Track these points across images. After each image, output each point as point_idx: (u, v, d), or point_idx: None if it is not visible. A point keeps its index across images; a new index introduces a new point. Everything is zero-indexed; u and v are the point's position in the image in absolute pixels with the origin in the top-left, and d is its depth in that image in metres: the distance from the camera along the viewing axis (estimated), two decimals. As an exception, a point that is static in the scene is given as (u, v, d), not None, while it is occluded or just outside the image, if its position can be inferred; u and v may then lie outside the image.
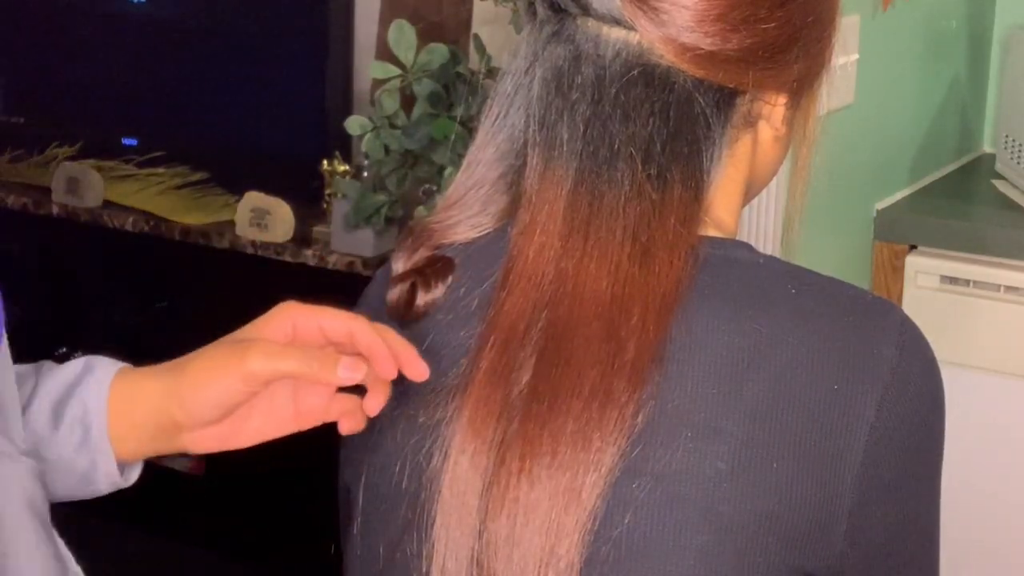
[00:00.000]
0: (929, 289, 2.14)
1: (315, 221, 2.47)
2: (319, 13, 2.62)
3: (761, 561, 0.85)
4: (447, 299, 0.94)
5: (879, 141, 2.17)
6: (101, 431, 0.92)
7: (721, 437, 0.85)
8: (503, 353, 0.88)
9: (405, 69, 2.09)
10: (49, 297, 2.80)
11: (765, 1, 0.88)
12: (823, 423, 0.86)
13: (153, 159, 2.76)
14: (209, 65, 2.73)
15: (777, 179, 1.03)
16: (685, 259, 0.87)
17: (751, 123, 0.93)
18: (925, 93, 2.34)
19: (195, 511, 2.66)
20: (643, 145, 0.87)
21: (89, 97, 2.87)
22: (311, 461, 1.32)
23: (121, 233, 2.63)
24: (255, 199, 2.48)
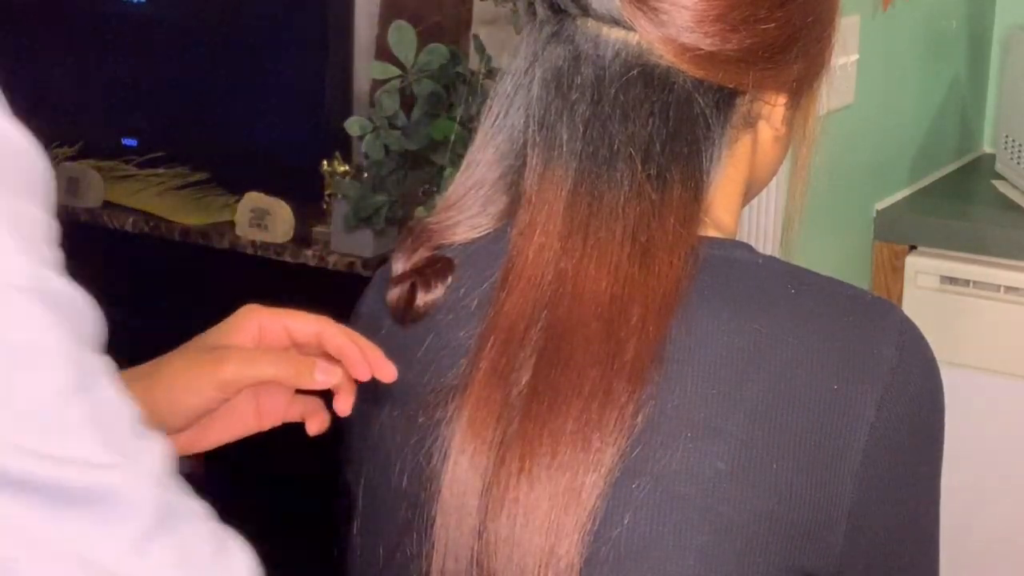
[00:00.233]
0: (929, 289, 2.14)
1: (315, 221, 2.47)
2: (318, 14, 2.62)
3: (761, 561, 0.85)
4: (447, 299, 0.94)
5: (879, 141, 2.17)
6: None
7: (721, 437, 0.85)
8: (503, 353, 0.87)
9: (405, 69, 2.09)
10: (49, 297, 2.79)
11: (765, 1, 0.88)
12: (823, 423, 0.85)
13: (153, 159, 2.76)
14: (209, 65, 2.73)
15: (777, 179, 1.03)
16: (685, 259, 0.87)
17: (751, 123, 0.93)
18: (925, 93, 2.34)
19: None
20: (643, 145, 0.87)
21: (89, 97, 2.86)
22: (311, 462, 1.32)
23: (121, 233, 2.63)
24: (255, 199, 2.48)
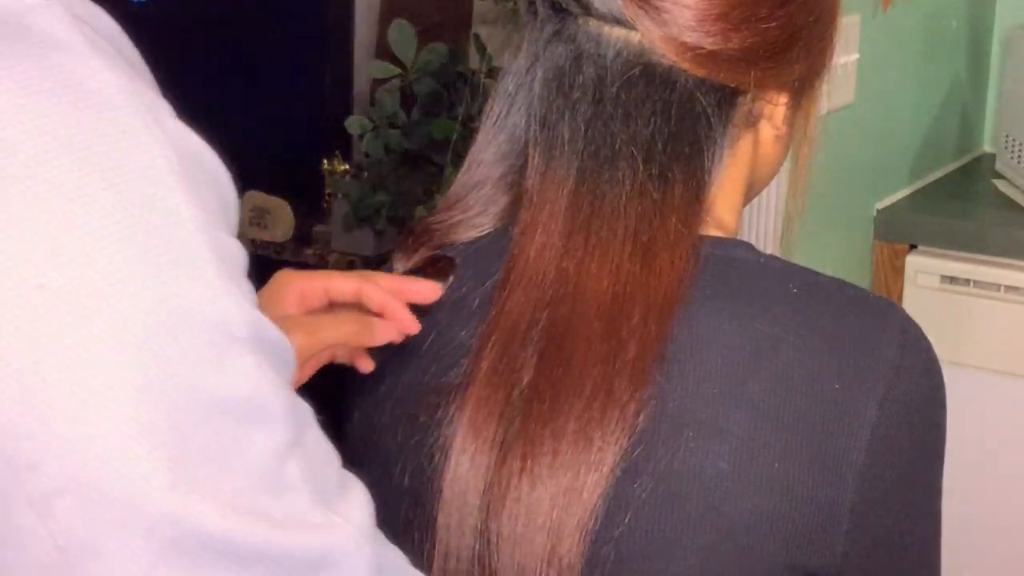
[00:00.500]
0: (929, 289, 2.14)
1: (315, 220, 2.47)
2: (319, 13, 2.62)
3: (763, 561, 0.85)
4: (448, 299, 0.94)
5: (879, 141, 2.17)
6: None
7: (722, 436, 0.85)
8: (504, 353, 0.87)
9: (405, 69, 2.09)
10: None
11: (766, 1, 0.88)
12: (825, 422, 0.85)
13: (153, 159, 2.75)
14: (209, 65, 2.73)
15: (777, 179, 1.03)
16: (686, 258, 0.87)
17: (752, 123, 0.93)
18: (925, 93, 2.34)
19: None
20: (644, 144, 0.87)
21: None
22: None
23: (121, 233, 2.63)
24: (255, 198, 2.48)
